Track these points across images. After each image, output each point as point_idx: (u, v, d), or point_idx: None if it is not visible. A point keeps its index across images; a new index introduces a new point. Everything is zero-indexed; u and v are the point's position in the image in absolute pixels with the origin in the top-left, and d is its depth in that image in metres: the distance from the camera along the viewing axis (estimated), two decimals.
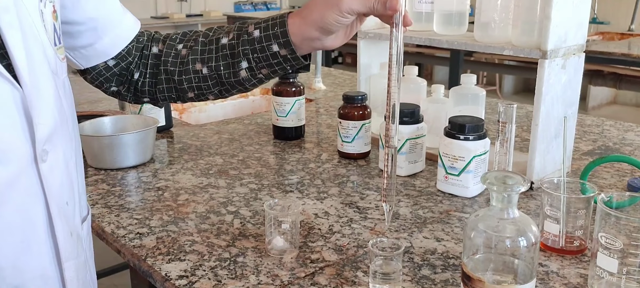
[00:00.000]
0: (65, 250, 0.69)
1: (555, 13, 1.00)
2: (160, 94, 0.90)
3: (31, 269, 0.65)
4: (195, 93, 0.86)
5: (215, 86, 0.84)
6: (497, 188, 0.65)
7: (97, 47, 0.85)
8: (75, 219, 0.73)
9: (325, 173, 1.20)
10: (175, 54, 0.87)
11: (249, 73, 0.80)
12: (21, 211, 0.63)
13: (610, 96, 5.68)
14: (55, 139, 0.67)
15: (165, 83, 0.88)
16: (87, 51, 0.85)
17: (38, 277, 0.66)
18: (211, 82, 0.84)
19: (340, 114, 1.26)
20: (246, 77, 0.80)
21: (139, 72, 0.89)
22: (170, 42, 0.88)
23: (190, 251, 0.87)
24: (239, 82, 0.82)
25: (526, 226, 0.66)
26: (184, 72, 0.85)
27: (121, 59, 0.88)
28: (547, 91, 1.05)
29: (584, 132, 1.50)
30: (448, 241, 0.90)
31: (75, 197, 0.73)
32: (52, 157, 0.66)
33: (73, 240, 0.71)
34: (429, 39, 1.23)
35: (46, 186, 0.65)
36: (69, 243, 0.70)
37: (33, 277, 0.66)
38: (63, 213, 0.68)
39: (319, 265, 0.83)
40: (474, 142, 1.04)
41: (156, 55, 0.88)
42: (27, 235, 0.64)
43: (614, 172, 1.19)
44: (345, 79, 2.22)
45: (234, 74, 0.81)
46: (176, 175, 1.19)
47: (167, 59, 0.87)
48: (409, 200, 1.06)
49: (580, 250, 0.85)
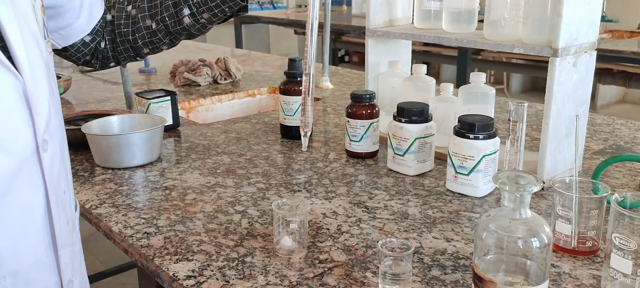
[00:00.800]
0: (61, 238, 0.72)
1: (567, 10, 0.99)
2: (120, 56, 0.99)
3: (29, 256, 0.68)
4: (150, 48, 0.93)
5: (165, 37, 0.91)
6: (509, 188, 0.64)
7: (75, 26, 0.92)
8: (70, 208, 0.76)
9: (333, 172, 1.19)
10: (126, 15, 0.96)
11: (191, 19, 0.86)
12: (22, 199, 0.66)
13: (619, 94, 5.64)
14: (51, 129, 0.69)
15: (121, 44, 0.97)
16: (66, 31, 0.92)
17: (35, 262, 0.69)
18: (161, 34, 0.91)
19: (348, 113, 1.25)
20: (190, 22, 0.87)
21: (103, 41, 0.98)
22: (119, 6, 0.97)
23: (198, 251, 0.86)
24: (184, 28, 0.87)
25: (539, 227, 0.65)
26: (136, 31, 0.94)
27: (96, 34, 0.96)
28: (558, 90, 1.03)
29: (595, 131, 1.48)
30: (458, 241, 0.89)
31: (70, 186, 0.78)
32: (51, 146, 0.69)
33: (69, 228, 0.74)
34: (438, 37, 1.22)
35: (46, 175, 0.68)
36: (65, 231, 0.73)
37: (30, 263, 0.68)
38: (60, 202, 0.71)
39: (328, 265, 0.82)
40: (483, 141, 1.03)
41: (110, 22, 0.98)
42: (26, 223, 0.67)
43: (625, 172, 1.18)
44: (353, 77, 2.21)
45: (178, 22, 0.88)
46: (184, 175, 1.18)
47: (119, 22, 0.96)
48: (418, 199, 1.05)
49: (593, 251, 0.84)
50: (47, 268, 0.71)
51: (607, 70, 3.66)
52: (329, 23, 1.97)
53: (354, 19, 4.67)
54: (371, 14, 1.32)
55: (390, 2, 1.35)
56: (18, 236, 0.66)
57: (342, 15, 5.00)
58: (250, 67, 2.41)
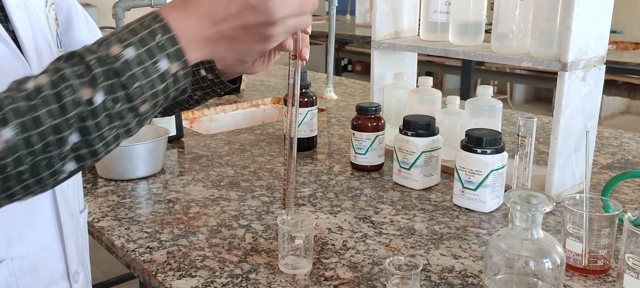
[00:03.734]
0: (67, 227, 0.74)
1: (576, 24, 0.97)
2: None
3: (35, 241, 0.70)
4: None
5: None
6: (520, 208, 0.63)
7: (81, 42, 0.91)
8: (74, 205, 0.77)
9: (338, 186, 1.17)
10: None
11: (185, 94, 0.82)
12: None
13: (623, 106, 5.62)
14: None
15: None
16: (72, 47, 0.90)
17: (42, 249, 0.71)
18: None
19: (354, 125, 1.24)
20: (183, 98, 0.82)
21: None
22: None
23: (201, 266, 0.85)
24: (177, 103, 0.83)
25: (551, 247, 0.64)
26: None
27: None
28: (567, 104, 1.02)
29: (602, 145, 1.47)
30: (466, 258, 0.87)
31: (75, 183, 0.79)
32: None
33: (74, 222, 0.76)
34: (444, 49, 1.20)
35: None
36: (70, 222, 0.75)
37: (37, 249, 0.71)
38: (64, 195, 0.73)
39: (334, 282, 0.81)
40: (491, 156, 1.01)
41: None
42: (32, 209, 0.69)
43: (635, 187, 1.16)
44: (357, 88, 2.20)
45: None
46: (187, 187, 1.17)
47: None
48: (425, 214, 1.03)
49: (604, 270, 0.82)
50: (54, 257, 0.73)
51: (611, 82, 3.64)
52: (334, 33, 1.96)
53: (357, 28, 4.67)
54: (377, 26, 1.31)
55: (396, 13, 1.34)
56: (24, 220, 0.68)
57: (346, 24, 5.00)
58: (253, 76, 2.41)
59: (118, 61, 0.50)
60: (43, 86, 0.49)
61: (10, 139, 0.47)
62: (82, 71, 0.50)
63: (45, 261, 0.72)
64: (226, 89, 0.78)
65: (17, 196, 0.51)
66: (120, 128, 0.52)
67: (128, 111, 0.52)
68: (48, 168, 0.50)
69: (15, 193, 0.51)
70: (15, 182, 0.49)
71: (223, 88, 0.77)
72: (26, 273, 0.70)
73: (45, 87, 0.49)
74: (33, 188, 0.51)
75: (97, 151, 0.52)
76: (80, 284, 0.79)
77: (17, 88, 0.49)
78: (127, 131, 0.53)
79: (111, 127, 0.51)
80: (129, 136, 0.55)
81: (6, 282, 0.68)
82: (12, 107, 0.48)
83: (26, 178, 0.50)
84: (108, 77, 0.50)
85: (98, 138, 0.51)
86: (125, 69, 0.50)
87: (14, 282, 0.69)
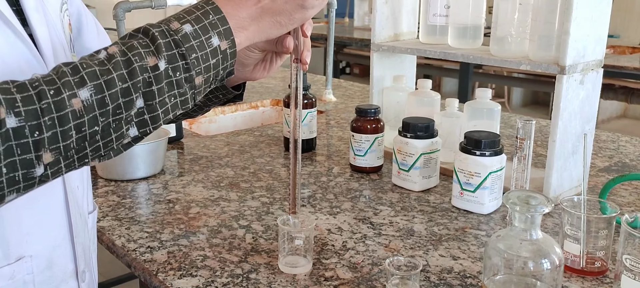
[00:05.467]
0: (77, 227, 0.75)
1: (574, 28, 0.98)
2: None
3: (51, 239, 0.72)
4: None
5: None
6: (520, 209, 0.63)
7: None
8: (83, 205, 0.79)
9: (338, 187, 1.18)
10: None
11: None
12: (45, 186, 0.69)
13: (620, 110, 5.64)
14: None
15: None
16: None
17: (56, 247, 0.73)
18: None
19: (353, 127, 1.25)
20: None
21: None
22: None
23: (201, 266, 0.85)
24: None
25: (549, 248, 0.64)
26: None
27: None
28: (565, 107, 1.03)
29: (600, 148, 1.47)
30: (464, 259, 0.88)
31: (85, 184, 0.80)
32: None
33: (82, 222, 0.78)
34: (444, 52, 1.21)
35: None
36: (79, 223, 0.76)
37: (52, 247, 0.72)
38: (74, 195, 0.75)
39: (333, 282, 0.81)
40: (490, 158, 1.02)
41: None
42: (48, 207, 0.71)
43: (632, 190, 1.17)
44: (356, 90, 2.21)
45: None
46: (187, 188, 1.17)
47: None
48: (424, 216, 1.04)
49: (602, 272, 0.83)
50: (66, 256, 0.75)
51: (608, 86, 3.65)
52: (333, 36, 1.97)
53: (356, 31, 4.68)
54: (376, 29, 1.32)
55: (396, 16, 1.35)
56: (40, 218, 0.70)
57: (344, 27, 5.01)
58: None
59: (178, 34, 0.57)
60: (115, 54, 0.55)
61: (87, 99, 0.52)
62: (148, 42, 0.56)
63: (59, 259, 0.74)
64: (229, 95, 0.79)
65: (87, 159, 0.55)
66: (178, 97, 0.57)
67: (185, 81, 0.57)
68: (116, 131, 0.55)
69: (86, 155, 0.55)
70: (89, 142, 0.54)
71: (226, 94, 0.78)
72: (42, 270, 0.71)
73: (117, 55, 0.55)
74: (101, 150, 0.55)
75: (157, 117, 0.57)
76: (86, 284, 0.80)
77: (91, 56, 0.55)
78: (183, 102, 0.58)
79: (170, 95, 0.57)
80: (185, 109, 0.59)
81: (23, 280, 0.69)
82: (88, 71, 0.53)
83: (98, 139, 0.54)
84: (170, 48, 0.56)
85: (159, 104, 0.56)
86: (185, 41, 0.57)
87: (31, 279, 0.70)
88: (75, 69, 0.53)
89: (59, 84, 0.52)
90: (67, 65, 0.53)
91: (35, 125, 0.50)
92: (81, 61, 0.54)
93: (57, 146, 0.52)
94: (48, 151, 0.51)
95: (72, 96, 0.52)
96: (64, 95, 0.51)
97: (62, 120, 0.51)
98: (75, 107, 0.52)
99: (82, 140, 0.53)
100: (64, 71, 0.53)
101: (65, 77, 0.52)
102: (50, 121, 0.51)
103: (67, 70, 0.53)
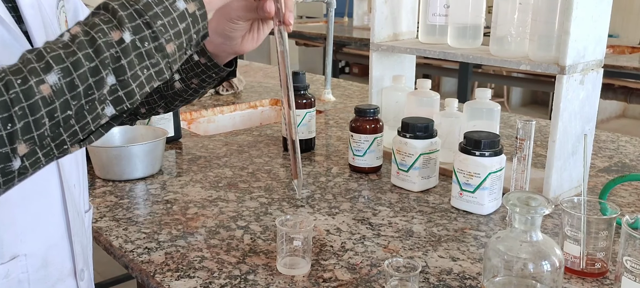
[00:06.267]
0: (74, 225, 0.75)
1: (575, 28, 0.98)
2: None
3: (46, 238, 0.72)
4: (146, 108, 0.88)
5: (160, 100, 0.86)
6: (520, 210, 0.63)
7: None
8: (80, 204, 0.79)
9: (337, 187, 1.18)
10: None
11: (182, 84, 0.82)
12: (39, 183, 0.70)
13: (619, 109, 5.64)
14: None
15: None
16: None
17: (52, 246, 0.73)
18: (156, 96, 0.85)
19: (352, 127, 1.24)
20: (181, 88, 0.82)
21: None
22: None
23: (199, 267, 0.85)
24: (176, 93, 0.83)
25: (549, 249, 0.64)
26: None
27: None
28: (565, 107, 1.02)
29: (599, 148, 1.47)
30: (464, 261, 0.88)
31: (81, 183, 0.80)
32: None
33: (79, 220, 0.77)
34: (443, 52, 1.21)
35: (61, 164, 0.72)
36: (77, 221, 0.76)
37: (47, 246, 0.72)
38: (71, 193, 0.75)
39: (332, 284, 0.81)
40: (490, 158, 1.01)
41: None
42: (44, 206, 0.71)
43: (632, 190, 1.17)
44: (355, 90, 2.21)
45: (170, 86, 0.83)
46: (185, 188, 1.17)
47: None
48: (423, 216, 1.03)
49: (602, 273, 0.83)
50: (63, 254, 0.75)
51: (608, 86, 3.65)
52: (332, 36, 1.96)
53: (355, 30, 4.67)
54: (376, 28, 1.32)
55: (395, 16, 1.35)
56: (36, 217, 0.70)
57: (343, 27, 5.00)
58: (251, 78, 2.41)
59: (139, 3, 0.54)
60: (78, 34, 0.53)
61: (56, 83, 0.50)
62: (109, 17, 0.54)
63: (55, 258, 0.74)
64: (221, 72, 0.78)
65: (65, 145, 0.53)
66: (151, 68, 0.55)
67: (156, 50, 0.55)
68: (91, 113, 0.53)
69: (64, 142, 0.53)
70: (63, 128, 0.52)
71: (218, 72, 0.77)
72: (37, 269, 0.71)
73: (80, 35, 0.53)
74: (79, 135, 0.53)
75: (132, 92, 0.54)
76: (85, 282, 0.80)
77: (55, 41, 0.53)
78: (158, 72, 0.56)
79: (142, 67, 0.54)
80: (162, 80, 0.57)
81: (18, 279, 0.69)
82: (53, 55, 0.51)
83: (73, 124, 0.52)
84: (133, 19, 0.54)
85: (132, 77, 0.54)
86: (147, 9, 0.54)
87: (26, 278, 0.70)
88: (39, 55, 0.51)
89: (25, 72, 0.50)
90: (32, 52, 0.51)
91: (7, 117, 0.48)
92: (45, 46, 0.52)
93: (31, 136, 0.50)
94: (22, 142, 0.50)
95: (39, 82, 0.49)
96: (31, 82, 0.49)
97: (33, 109, 0.49)
98: (44, 93, 0.50)
99: (56, 126, 0.51)
100: (29, 58, 0.51)
101: (30, 63, 0.50)
102: (21, 111, 0.49)
103: (32, 57, 0.51)
